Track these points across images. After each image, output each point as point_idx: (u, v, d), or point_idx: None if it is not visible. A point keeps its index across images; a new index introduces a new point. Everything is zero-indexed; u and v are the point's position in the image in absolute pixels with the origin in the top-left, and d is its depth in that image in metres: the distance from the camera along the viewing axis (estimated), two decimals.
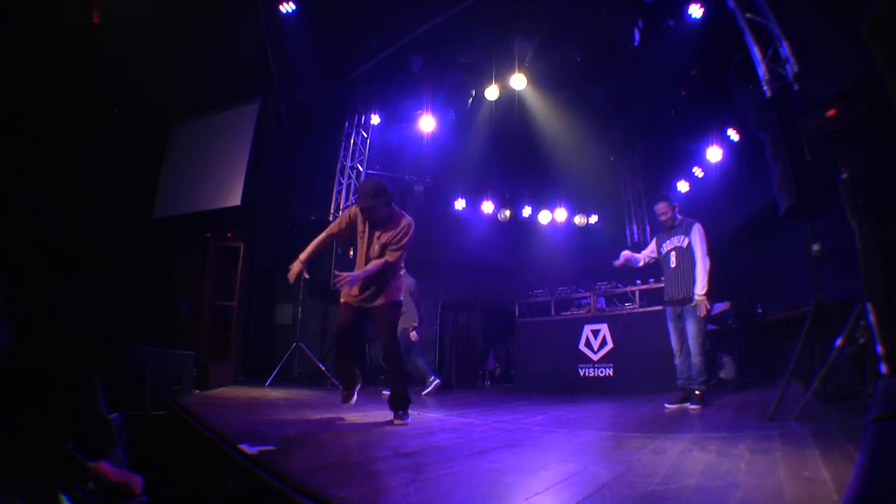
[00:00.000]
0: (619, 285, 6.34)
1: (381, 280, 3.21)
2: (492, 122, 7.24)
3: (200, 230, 6.08)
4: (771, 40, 4.09)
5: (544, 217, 8.86)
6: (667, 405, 3.97)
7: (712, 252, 4.13)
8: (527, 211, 9.16)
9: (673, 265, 4.19)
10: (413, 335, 5.77)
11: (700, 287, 3.96)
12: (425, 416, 3.58)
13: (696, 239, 4.08)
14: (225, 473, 1.98)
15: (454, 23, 5.67)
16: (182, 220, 6.13)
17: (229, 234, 6.08)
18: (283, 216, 7.35)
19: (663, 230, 4.39)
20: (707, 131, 7.22)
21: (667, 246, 4.28)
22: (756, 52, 4.18)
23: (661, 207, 4.35)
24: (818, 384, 2.75)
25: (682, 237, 4.16)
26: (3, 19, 4.62)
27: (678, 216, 4.30)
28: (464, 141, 7.49)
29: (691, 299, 4.01)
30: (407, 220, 3.25)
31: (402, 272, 3.37)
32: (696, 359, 3.93)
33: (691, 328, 3.97)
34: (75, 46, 5.15)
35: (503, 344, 8.34)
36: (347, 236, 3.43)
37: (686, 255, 4.12)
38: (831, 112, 2.70)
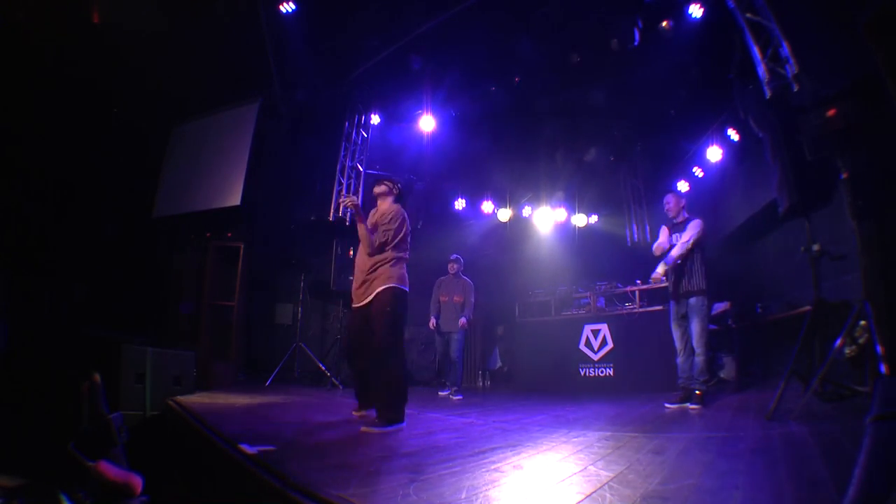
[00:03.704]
0: (619, 285, 6.35)
1: (375, 271, 3.07)
2: (492, 122, 7.24)
3: (200, 230, 6.07)
4: (771, 40, 4.08)
5: (544, 217, 8.86)
6: (667, 405, 3.97)
7: (712, 251, 4.13)
8: (527, 211, 9.16)
9: (678, 262, 4.20)
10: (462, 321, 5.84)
11: (674, 253, 4.06)
12: (425, 416, 3.58)
13: (691, 228, 4.11)
14: (225, 474, 1.98)
15: (454, 23, 5.67)
16: (182, 220, 6.13)
17: (229, 234, 6.07)
18: (283, 216, 7.34)
19: (669, 225, 4.39)
20: (707, 131, 7.22)
21: (672, 242, 4.29)
22: (756, 52, 4.18)
23: (668, 200, 4.40)
24: (818, 384, 2.75)
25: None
26: (3, 19, 4.62)
27: (685, 213, 4.32)
28: (464, 141, 7.49)
29: (694, 293, 4.02)
30: (398, 207, 3.26)
31: (397, 263, 3.15)
32: (699, 358, 3.94)
33: (696, 327, 3.98)
34: (75, 46, 5.14)
35: (505, 343, 8.34)
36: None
37: (689, 252, 4.12)
38: (831, 112, 2.70)
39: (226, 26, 5.92)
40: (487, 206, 8.82)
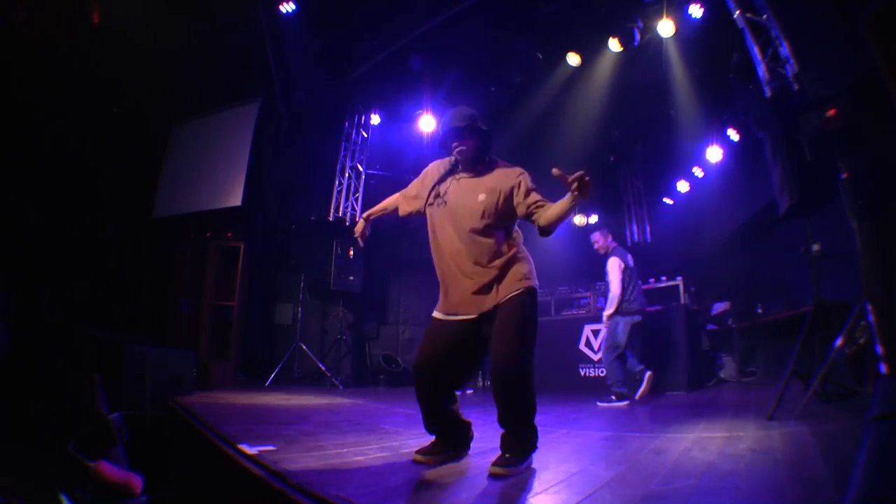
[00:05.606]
0: None
1: (504, 261, 2.16)
2: (492, 121, 7.24)
3: (200, 230, 6.07)
4: (771, 40, 4.08)
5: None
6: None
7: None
8: None
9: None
10: None
11: (607, 310, 4.60)
12: None
13: (610, 270, 4.61)
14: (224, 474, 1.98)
15: (454, 23, 5.67)
16: (182, 220, 6.13)
17: (229, 234, 6.07)
18: (283, 216, 7.34)
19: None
20: (707, 131, 7.22)
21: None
22: (756, 52, 4.18)
23: (596, 239, 4.86)
24: (818, 384, 2.75)
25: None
26: (3, 19, 4.62)
27: (611, 244, 4.78)
28: None
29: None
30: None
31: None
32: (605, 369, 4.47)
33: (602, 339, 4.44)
34: (75, 46, 5.14)
35: None
36: (414, 213, 2.41)
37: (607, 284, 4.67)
38: (831, 112, 2.70)
39: (226, 26, 5.92)
40: None
